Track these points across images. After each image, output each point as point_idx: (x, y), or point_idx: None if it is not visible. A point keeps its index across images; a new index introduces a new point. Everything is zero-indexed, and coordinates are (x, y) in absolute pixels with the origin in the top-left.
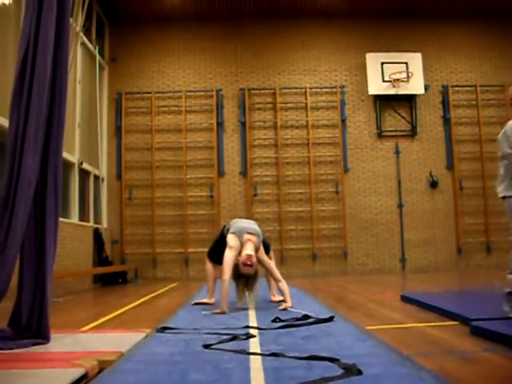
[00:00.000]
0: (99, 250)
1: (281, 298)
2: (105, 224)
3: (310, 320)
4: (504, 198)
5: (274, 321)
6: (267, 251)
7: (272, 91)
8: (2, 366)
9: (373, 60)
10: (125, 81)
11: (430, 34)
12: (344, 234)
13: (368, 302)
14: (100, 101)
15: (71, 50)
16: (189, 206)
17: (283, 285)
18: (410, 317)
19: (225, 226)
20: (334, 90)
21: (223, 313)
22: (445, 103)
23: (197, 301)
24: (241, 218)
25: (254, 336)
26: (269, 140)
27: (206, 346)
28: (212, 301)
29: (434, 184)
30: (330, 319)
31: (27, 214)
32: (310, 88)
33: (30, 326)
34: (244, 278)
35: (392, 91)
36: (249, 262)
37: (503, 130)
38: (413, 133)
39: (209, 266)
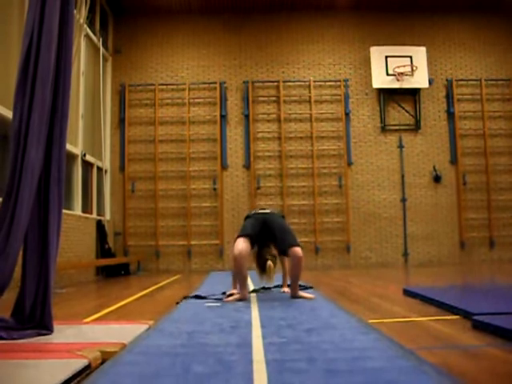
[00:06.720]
0: (102, 241)
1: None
2: (108, 216)
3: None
4: None
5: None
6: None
7: (276, 84)
8: (4, 356)
9: (377, 53)
10: (128, 73)
11: (435, 27)
12: (347, 228)
13: (370, 296)
14: (103, 92)
15: (75, 42)
16: (192, 199)
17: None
18: (412, 311)
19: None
20: (338, 83)
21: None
22: (449, 97)
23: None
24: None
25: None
26: (272, 133)
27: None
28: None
29: (437, 178)
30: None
31: (31, 205)
32: (314, 81)
33: (33, 317)
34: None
35: (396, 85)
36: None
37: None
38: (417, 127)
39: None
